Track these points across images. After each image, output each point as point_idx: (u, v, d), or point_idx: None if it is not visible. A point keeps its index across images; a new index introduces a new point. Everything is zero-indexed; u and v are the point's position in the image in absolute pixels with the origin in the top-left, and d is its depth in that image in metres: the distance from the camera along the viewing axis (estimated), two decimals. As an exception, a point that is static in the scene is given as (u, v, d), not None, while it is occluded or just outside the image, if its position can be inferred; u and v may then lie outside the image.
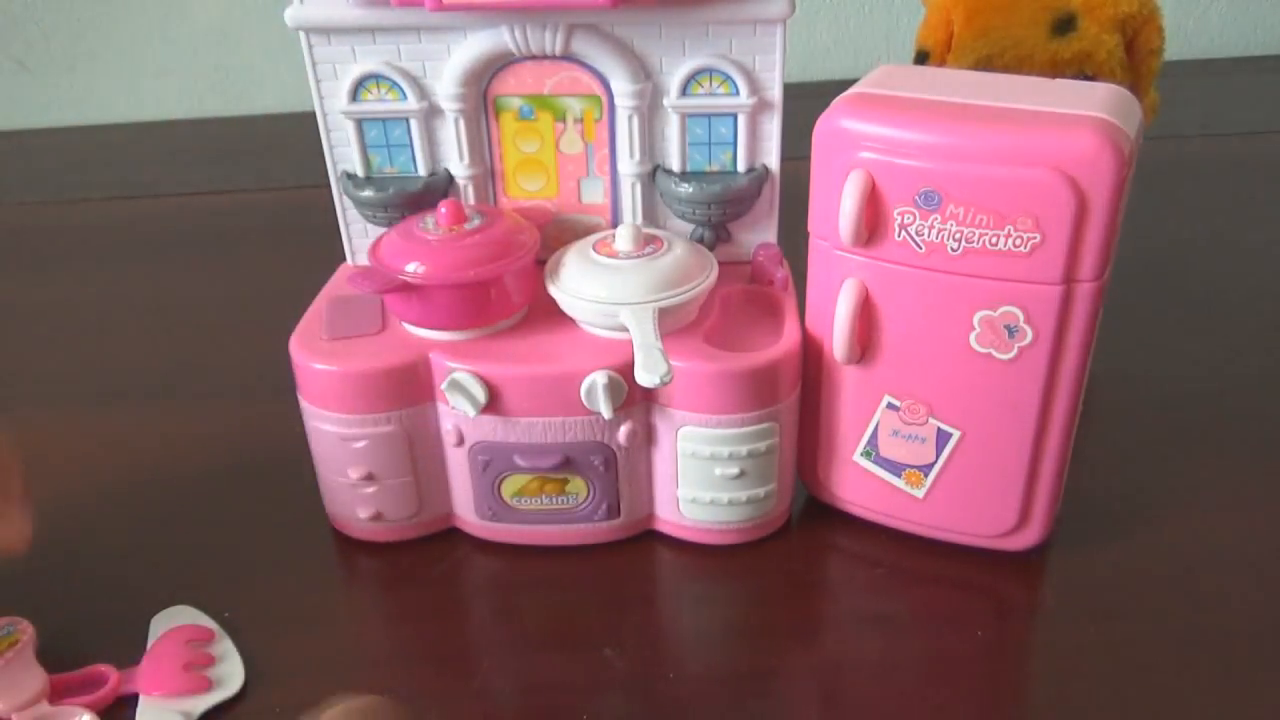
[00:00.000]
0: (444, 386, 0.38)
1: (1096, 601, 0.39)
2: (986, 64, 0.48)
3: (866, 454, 0.41)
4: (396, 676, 0.37)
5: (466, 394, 0.38)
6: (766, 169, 0.44)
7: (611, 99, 0.42)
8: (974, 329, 0.36)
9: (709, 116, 0.43)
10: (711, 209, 0.43)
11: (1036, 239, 0.33)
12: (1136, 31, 0.49)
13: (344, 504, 0.42)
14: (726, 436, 0.39)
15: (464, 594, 0.41)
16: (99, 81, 1.01)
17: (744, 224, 0.45)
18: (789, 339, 0.39)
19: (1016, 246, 0.34)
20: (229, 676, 0.36)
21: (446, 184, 0.44)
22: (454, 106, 0.42)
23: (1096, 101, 0.34)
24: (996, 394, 0.37)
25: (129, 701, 0.35)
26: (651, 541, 0.43)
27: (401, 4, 0.40)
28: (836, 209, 0.36)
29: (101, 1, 0.97)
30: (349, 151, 0.44)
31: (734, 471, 0.40)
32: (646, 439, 0.40)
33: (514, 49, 0.41)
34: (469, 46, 0.41)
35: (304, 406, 0.40)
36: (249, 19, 0.99)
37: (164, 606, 0.39)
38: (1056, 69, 0.47)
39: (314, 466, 0.42)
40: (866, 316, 0.38)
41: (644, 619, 0.39)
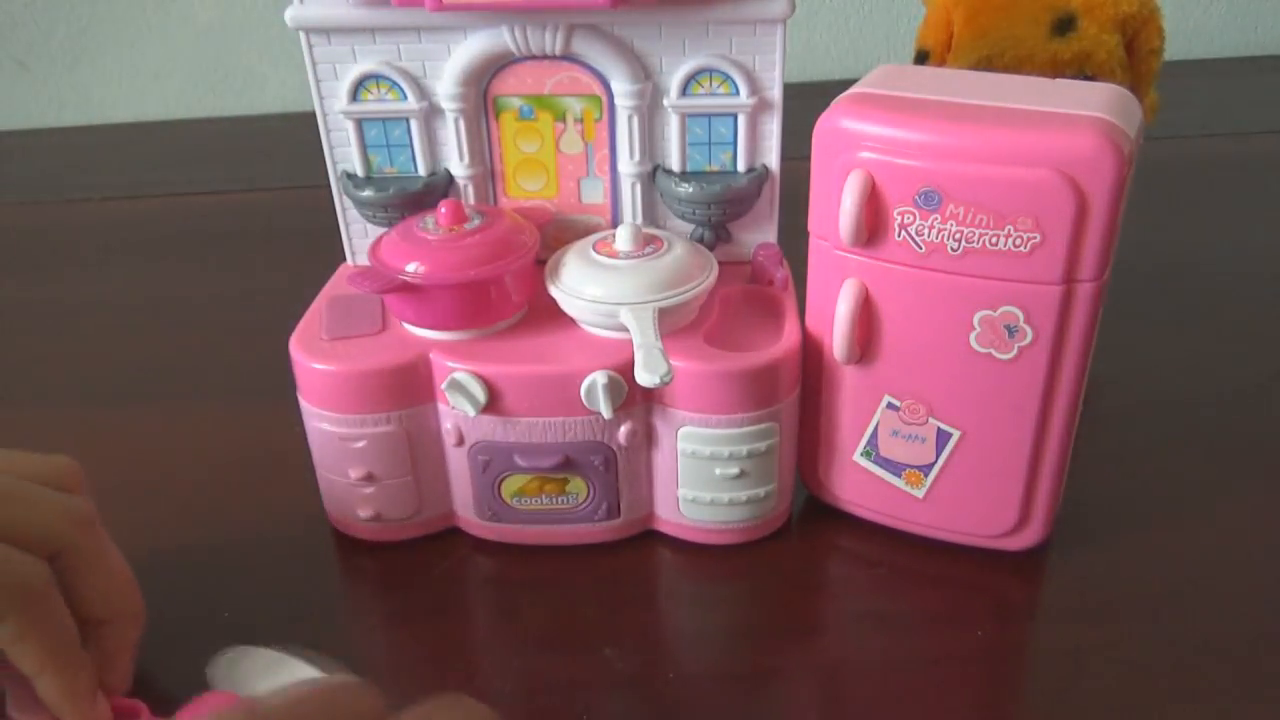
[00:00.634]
0: (444, 386, 0.38)
1: (1096, 601, 0.39)
2: (986, 64, 0.48)
3: (866, 454, 0.41)
4: (396, 677, 0.37)
5: (466, 394, 0.38)
6: (766, 169, 0.44)
7: (611, 99, 0.42)
8: (974, 329, 0.36)
9: (709, 116, 0.43)
10: (711, 209, 0.43)
11: (1036, 239, 0.33)
12: (1136, 31, 0.49)
13: (344, 504, 0.42)
14: (726, 436, 0.39)
15: (464, 594, 0.41)
16: (99, 81, 1.01)
17: (744, 224, 0.45)
18: (789, 339, 0.39)
19: (1016, 246, 0.34)
20: None
21: (446, 184, 0.44)
22: (454, 106, 0.42)
23: (1096, 101, 0.34)
24: (996, 394, 0.37)
25: None
26: (651, 541, 0.43)
27: (401, 4, 0.40)
28: (836, 209, 0.36)
29: (101, 1, 0.97)
30: (349, 151, 0.44)
31: (734, 471, 0.40)
32: (646, 439, 0.40)
33: (514, 49, 0.41)
34: (469, 46, 0.41)
35: (304, 406, 0.40)
36: (249, 19, 0.99)
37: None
38: (1056, 69, 0.47)
39: (314, 466, 0.42)
40: (866, 316, 0.38)
41: (644, 619, 0.39)
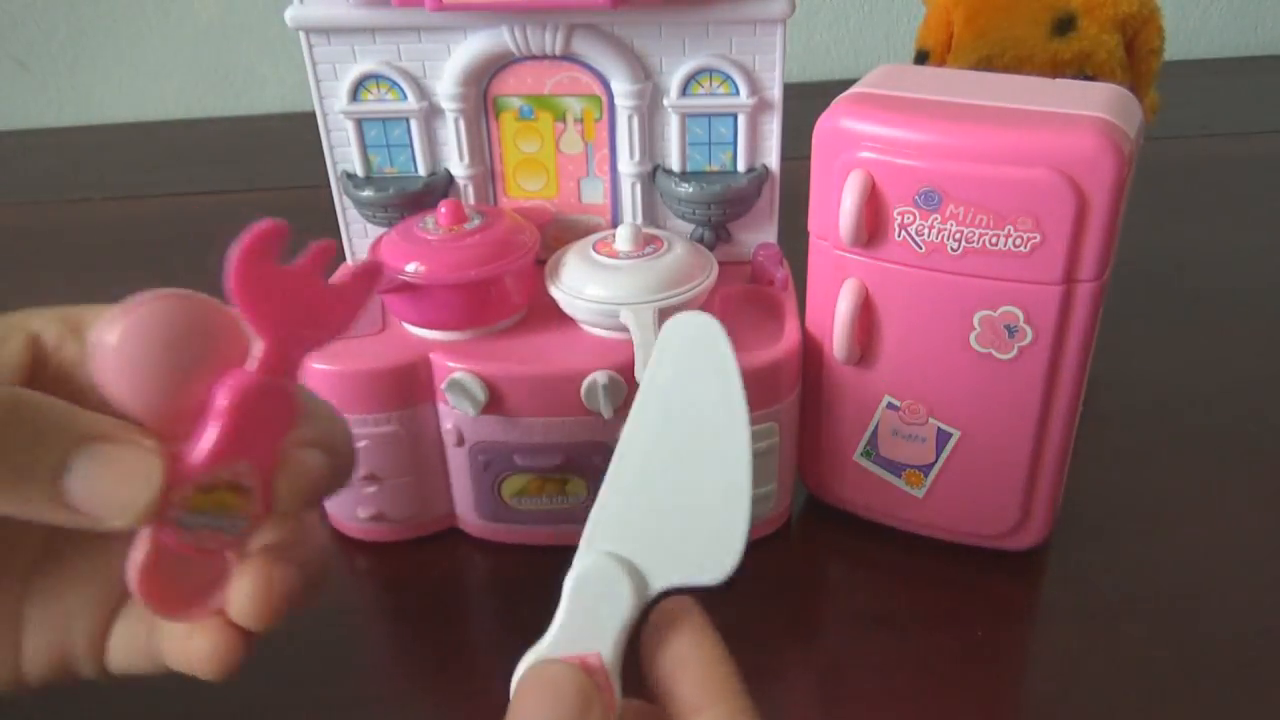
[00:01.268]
0: (444, 387, 0.38)
1: (1096, 601, 0.39)
2: (986, 64, 0.48)
3: (866, 454, 0.41)
4: (396, 676, 0.37)
5: (466, 394, 0.38)
6: (766, 169, 0.44)
7: (611, 99, 0.42)
8: (974, 329, 0.36)
9: (709, 116, 0.43)
10: (711, 209, 0.43)
11: (1036, 239, 0.33)
12: (1136, 31, 0.49)
13: (344, 504, 0.42)
14: (726, 436, 0.39)
15: (464, 594, 0.41)
16: (99, 81, 1.01)
17: (744, 224, 0.45)
18: (789, 339, 0.39)
19: (1016, 246, 0.34)
20: None
21: (446, 184, 0.44)
22: (454, 106, 0.42)
23: (1096, 101, 0.34)
24: (996, 394, 0.37)
25: None
26: (651, 541, 0.43)
27: (401, 4, 0.40)
28: (836, 209, 0.36)
29: (102, 1, 0.97)
30: (349, 151, 0.44)
31: (734, 471, 0.39)
32: (646, 439, 0.40)
33: (514, 49, 0.41)
34: (469, 46, 0.41)
35: (304, 406, 0.40)
36: (249, 19, 0.99)
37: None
38: (1056, 69, 0.47)
39: (314, 466, 0.42)
40: (866, 316, 0.38)
41: (644, 619, 0.39)
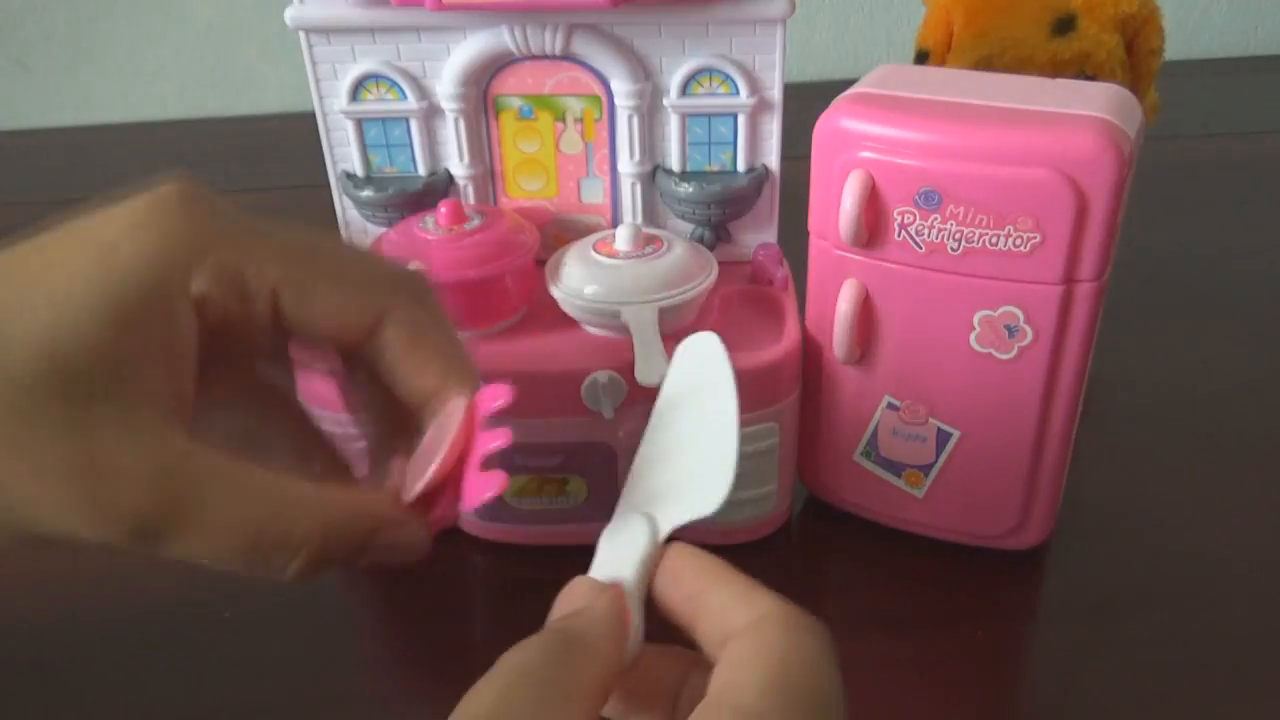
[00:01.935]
0: (444, 386, 0.38)
1: (1096, 601, 0.39)
2: (986, 64, 0.48)
3: (866, 454, 0.41)
4: (396, 676, 0.37)
5: (466, 394, 0.38)
6: (766, 169, 0.44)
7: (611, 99, 0.42)
8: (974, 329, 0.36)
9: (709, 116, 0.43)
10: (711, 209, 0.43)
11: (1036, 239, 0.33)
12: (1136, 31, 0.49)
13: (344, 504, 0.42)
14: (726, 436, 0.39)
15: (464, 594, 0.41)
16: (99, 81, 1.01)
17: (744, 224, 0.45)
18: (789, 339, 0.39)
19: (1016, 246, 0.34)
20: None
21: (446, 184, 0.44)
22: (454, 106, 0.42)
23: (1096, 101, 0.34)
24: (996, 394, 0.37)
25: None
26: (651, 541, 0.43)
27: (401, 4, 0.40)
28: (836, 209, 0.36)
29: (102, 1, 0.97)
30: (349, 151, 0.44)
31: (734, 471, 0.39)
32: (646, 439, 0.40)
33: (514, 49, 0.41)
34: (469, 46, 0.41)
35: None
36: (249, 19, 0.99)
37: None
38: (1056, 69, 0.47)
39: (314, 466, 0.42)
40: (866, 316, 0.38)
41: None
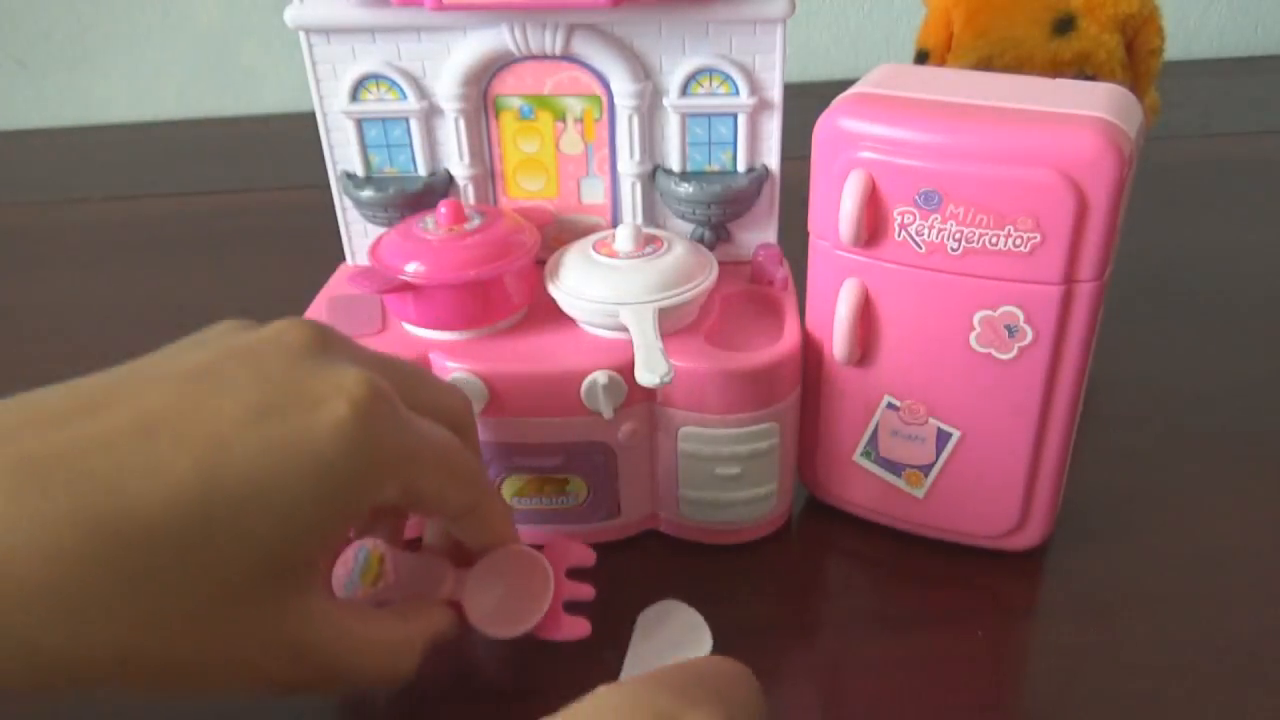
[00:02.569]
0: (444, 386, 0.38)
1: (1096, 601, 0.39)
2: (986, 64, 0.48)
3: (866, 454, 0.41)
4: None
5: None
6: (766, 169, 0.44)
7: (611, 99, 0.42)
8: (974, 329, 0.36)
9: (709, 116, 0.43)
10: (711, 209, 0.43)
11: (1036, 239, 0.33)
12: (1136, 31, 0.49)
13: (344, 504, 0.42)
14: (726, 436, 0.39)
15: (464, 594, 0.41)
16: (99, 81, 1.01)
17: (744, 224, 0.45)
18: (789, 339, 0.39)
19: (1016, 246, 0.34)
20: None
21: (446, 184, 0.44)
22: (454, 106, 0.42)
23: (1096, 101, 0.34)
24: (996, 394, 0.37)
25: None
26: (652, 541, 0.43)
27: (401, 4, 0.40)
28: (836, 209, 0.36)
29: (102, 1, 0.97)
30: (349, 151, 0.44)
31: (734, 471, 0.40)
32: (646, 439, 0.40)
33: (514, 49, 0.41)
34: (469, 46, 0.41)
35: (304, 406, 0.40)
36: (249, 19, 0.99)
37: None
38: (1056, 69, 0.47)
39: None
40: (866, 316, 0.38)
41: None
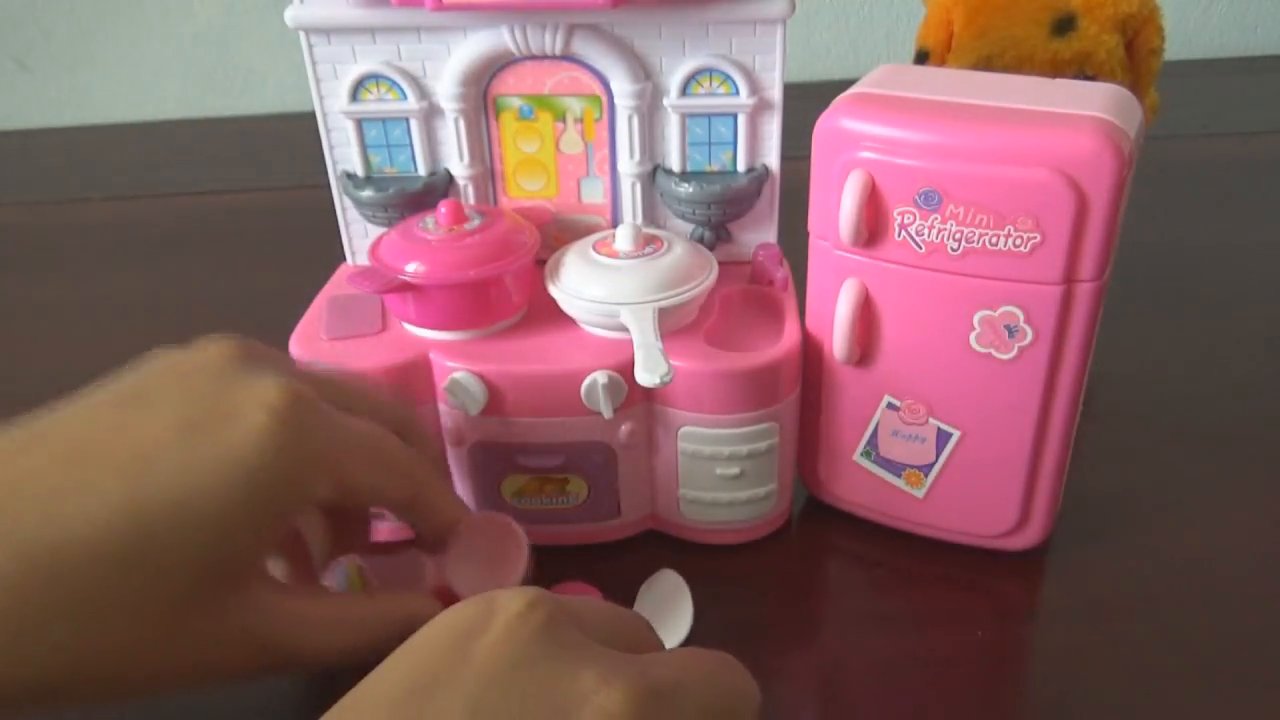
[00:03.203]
0: (444, 387, 0.38)
1: (1096, 601, 0.39)
2: (986, 64, 0.48)
3: (866, 454, 0.41)
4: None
5: (466, 394, 0.38)
6: (766, 169, 0.44)
7: (611, 99, 0.42)
8: (974, 329, 0.36)
9: (709, 116, 0.43)
10: (711, 209, 0.43)
11: (1036, 239, 0.33)
12: (1136, 31, 0.49)
13: (344, 504, 0.42)
14: (726, 436, 0.39)
15: (464, 594, 0.41)
16: (99, 81, 1.01)
17: (744, 224, 0.45)
18: (789, 339, 0.39)
19: (1016, 246, 0.34)
20: None
21: (446, 184, 0.44)
22: (454, 106, 0.42)
23: (1096, 101, 0.34)
24: (996, 394, 0.37)
25: None
26: (651, 541, 0.43)
27: (401, 4, 0.40)
28: (836, 209, 0.36)
29: (102, 1, 0.97)
30: (349, 151, 0.44)
31: (734, 471, 0.40)
32: (646, 439, 0.40)
33: (514, 49, 0.41)
34: (469, 46, 0.41)
35: (304, 406, 0.40)
36: (249, 19, 0.99)
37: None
38: (1056, 69, 0.47)
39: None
40: (866, 316, 0.38)
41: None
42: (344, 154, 0.44)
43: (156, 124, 1.01)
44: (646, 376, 0.35)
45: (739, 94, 0.42)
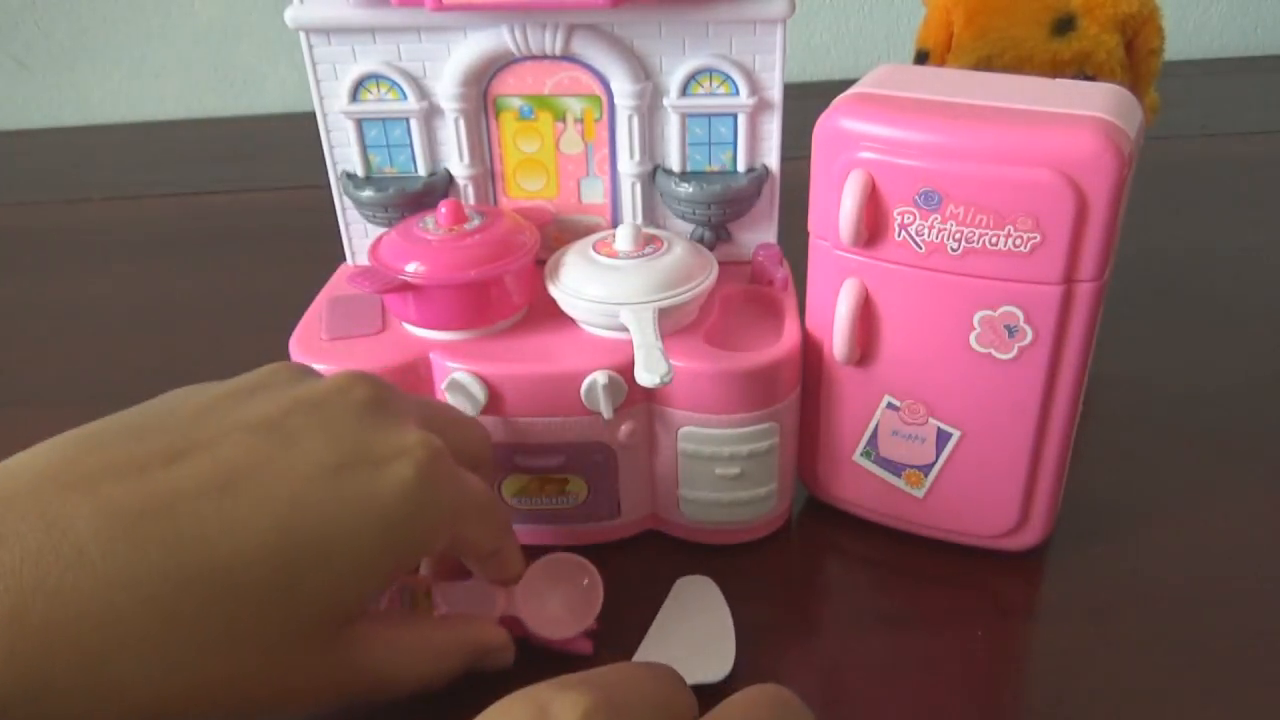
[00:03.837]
0: (444, 387, 0.38)
1: (1096, 601, 0.39)
2: (986, 64, 0.48)
3: (866, 454, 0.41)
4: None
5: (466, 394, 0.38)
6: (766, 169, 0.44)
7: (611, 99, 0.42)
8: (974, 329, 0.36)
9: (709, 116, 0.43)
10: (711, 209, 0.43)
11: (1036, 239, 0.33)
12: (1136, 31, 0.49)
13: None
14: (726, 436, 0.39)
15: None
16: (99, 81, 1.01)
17: (744, 224, 0.45)
18: (789, 339, 0.39)
19: (1016, 246, 0.34)
20: None
21: (446, 184, 0.44)
22: (454, 106, 0.42)
23: (1096, 101, 0.34)
24: (996, 394, 0.37)
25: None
26: (651, 541, 0.43)
27: (401, 4, 0.40)
28: (836, 209, 0.36)
29: (102, 1, 0.97)
30: (349, 151, 0.44)
31: (734, 471, 0.40)
32: (646, 439, 0.40)
33: (514, 49, 0.41)
34: (469, 46, 0.41)
35: (304, 406, 0.40)
36: (249, 19, 0.99)
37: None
38: (1056, 69, 0.47)
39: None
40: (866, 316, 0.38)
41: (644, 619, 0.39)
42: (344, 154, 0.44)
43: (156, 124, 1.01)
44: (646, 376, 0.35)
45: (739, 94, 0.42)
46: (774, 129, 0.43)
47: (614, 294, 0.38)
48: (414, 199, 0.43)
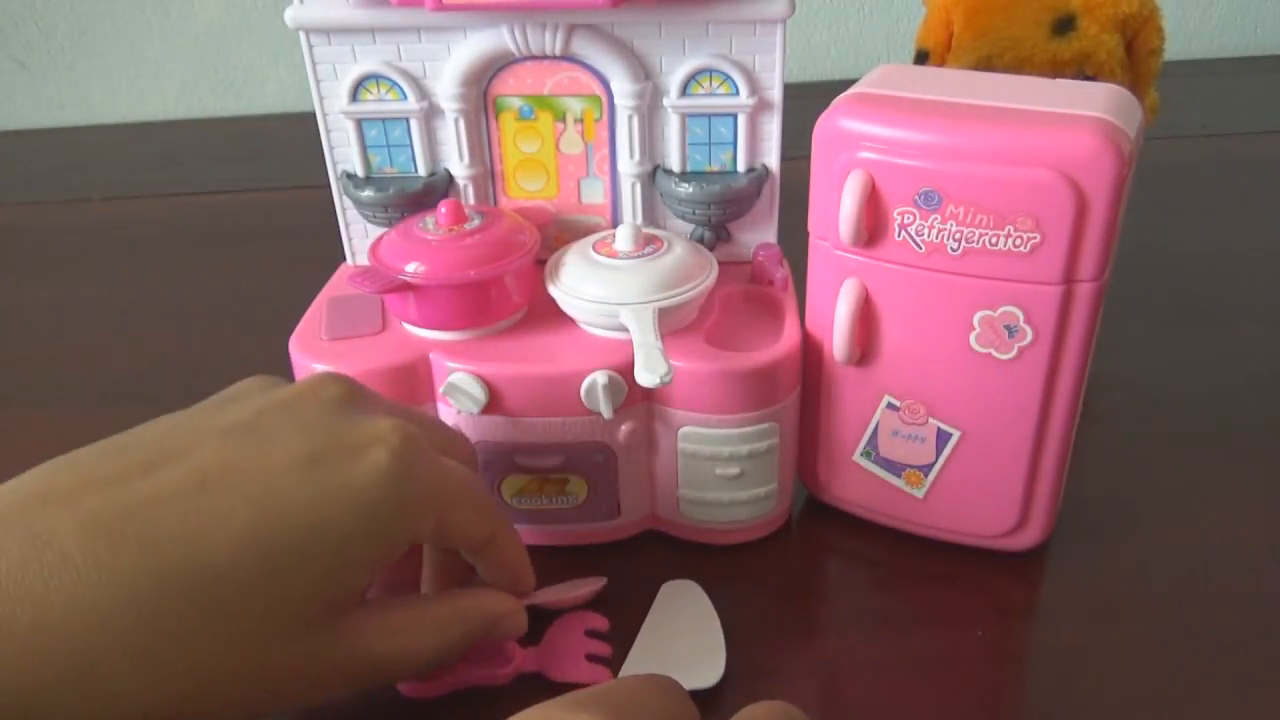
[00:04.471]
0: (444, 387, 0.38)
1: (1096, 601, 0.39)
2: (986, 64, 0.48)
3: (866, 454, 0.41)
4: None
5: (466, 395, 0.38)
6: (766, 169, 0.44)
7: (611, 99, 0.42)
8: (974, 329, 0.36)
9: (709, 116, 0.43)
10: (711, 209, 0.43)
11: (1036, 239, 0.33)
12: (1136, 31, 0.49)
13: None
14: (726, 436, 0.39)
15: (464, 594, 0.41)
16: (99, 81, 1.01)
17: (744, 224, 0.45)
18: (789, 339, 0.39)
19: (1016, 246, 0.34)
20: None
21: (446, 184, 0.44)
22: (454, 106, 0.42)
23: (1096, 101, 0.34)
24: (996, 394, 0.37)
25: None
26: (651, 541, 0.43)
27: (401, 4, 0.40)
28: (836, 209, 0.36)
29: (102, 1, 0.97)
30: (349, 151, 0.44)
31: (734, 471, 0.40)
32: (646, 439, 0.40)
33: (514, 49, 0.41)
34: (469, 46, 0.41)
35: (304, 406, 0.40)
36: (249, 19, 0.99)
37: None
38: (1056, 69, 0.47)
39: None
40: (866, 316, 0.38)
41: (644, 619, 0.39)
42: (344, 154, 0.44)
43: (156, 124, 1.01)
44: (646, 376, 0.35)
45: (739, 94, 0.42)
46: (774, 129, 0.43)
47: (614, 294, 0.38)
48: (414, 199, 0.43)
